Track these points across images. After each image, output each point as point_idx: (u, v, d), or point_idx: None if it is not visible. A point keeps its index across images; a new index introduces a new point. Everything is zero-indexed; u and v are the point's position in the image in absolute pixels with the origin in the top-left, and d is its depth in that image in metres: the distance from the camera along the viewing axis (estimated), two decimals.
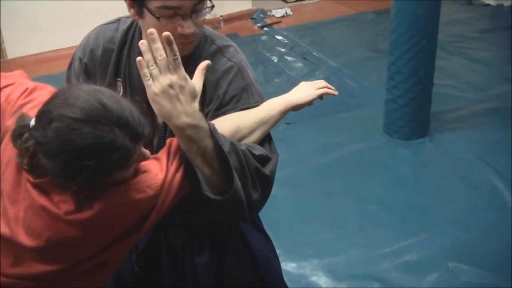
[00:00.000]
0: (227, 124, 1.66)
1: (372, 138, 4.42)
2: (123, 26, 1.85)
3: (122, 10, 1.76)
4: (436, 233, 3.40)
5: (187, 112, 1.47)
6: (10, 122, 1.57)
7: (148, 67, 1.43)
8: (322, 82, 1.89)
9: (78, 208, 1.40)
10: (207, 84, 1.71)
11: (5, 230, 1.47)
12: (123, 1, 1.68)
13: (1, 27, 6.31)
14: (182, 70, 1.45)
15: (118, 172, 1.39)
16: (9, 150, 1.49)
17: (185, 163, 1.53)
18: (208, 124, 1.52)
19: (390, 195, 3.72)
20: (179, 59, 1.44)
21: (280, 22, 7.19)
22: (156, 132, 1.76)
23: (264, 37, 6.70)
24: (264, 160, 1.65)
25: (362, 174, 3.98)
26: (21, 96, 1.65)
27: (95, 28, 1.92)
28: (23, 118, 1.44)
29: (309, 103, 1.82)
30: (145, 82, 1.45)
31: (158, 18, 1.59)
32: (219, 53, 1.80)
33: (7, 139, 1.52)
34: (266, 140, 1.75)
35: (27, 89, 1.67)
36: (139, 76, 1.60)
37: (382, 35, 6.38)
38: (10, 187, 1.48)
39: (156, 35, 1.40)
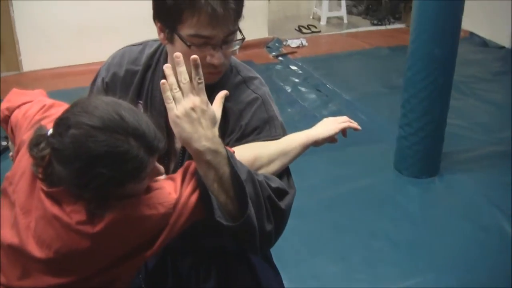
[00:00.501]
0: (247, 151, 1.66)
1: (382, 174, 4.42)
2: (149, 50, 1.85)
3: (138, 30, 1.78)
4: (442, 272, 3.37)
5: (207, 136, 1.48)
6: (26, 136, 1.59)
7: (171, 90, 1.45)
8: (344, 117, 1.87)
9: (89, 218, 1.41)
10: (230, 114, 1.73)
11: (14, 240, 1.49)
12: (139, 21, 1.71)
13: (19, 39, 6.35)
14: (205, 95, 1.47)
15: (130, 184, 1.41)
16: (25, 162, 1.52)
17: (201, 187, 1.53)
18: (227, 151, 1.52)
19: (398, 232, 3.71)
20: (203, 84, 1.46)
21: (295, 52, 7.22)
22: (174, 157, 1.77)
23: (278, 66, 6.73)
24: (280, 193, 1.64)
25: (370, 209, 3.97)
26: (39, 112, 1.68)
27: (121, 48, 1.92)
28: (41, 128, 1.48)
29: (332, 138, 1.80)
30: (167, 105, 1.47)
31: (188, 46, 1.58)
32: (243, 84, 1.80)
33: (23, 151, 1.55)
34: (285, 173, 1.74)
35: (44, 105, 1.70)
36: (161, 100, 1.64)
37: (396, 71, 6.40)
38: (23, 198, 1.50)
39: (181, 58, 1.43)
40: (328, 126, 1.82)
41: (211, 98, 1.57)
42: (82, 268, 1.49)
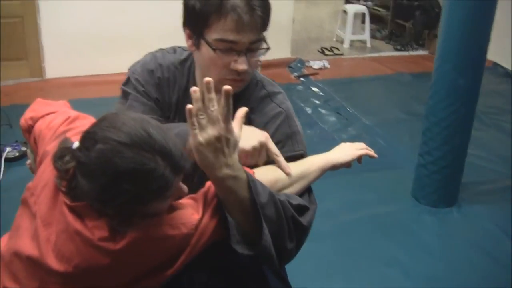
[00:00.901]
0: (269, 173, 1.67)
1: (399, 201, 4.37)
2: (180, 57, 1.89)
3: (162, 41, 1.78)
4: None
5: (228, 164, 1.47)
6: (50, 147, 1.59)
7: (197, 115, 1.42)
8: (361, 144, 1.91)
9: (111, 235, 1.40)
10: (254, 125, 1.74)
11: (34, 252, 1.48)
12: (163, 34, 1.73)
13: (44, 46, 6.40)
14: (231, 123, 1.45)
15: (154, 202, 1.41)
16: (48, 173, 1.51)
17: (221, 211, 1.53)
18: (247, 175, 1.52)
19: (413, 262, 3.65)
20: (231, 112, 1.44)
21: (317, 74, 7.23)
22: (198, 169, 1.77)
23: (299, 87, 6.74)
24: (302, 209, 1.66)
25: (386, 236, 3.93)
26: (63, 123, 1.68)
27: (156, 51, 1.94)
28: (65, 141, 1.47)
29: (347, 164, 1.83)
30: (191, 131, 1.45)
31: (214, 50, 1.62)
32: (268, 98, 1.84)
33: (46, 163, 1.54)
34: (306, 190, 1.76)
35: (69, 117, 1.70)
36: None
37: (418, 99, 6.40)
38: (45, 210, 1.49)
39: (212, 84, 1.40)
40: (346, 151, 1.85)
41: (235, 109, 1.57)
42: (100, 284, 1.48)
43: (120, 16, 6.44)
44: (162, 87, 1.86)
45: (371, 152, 1.89)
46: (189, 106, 1.42)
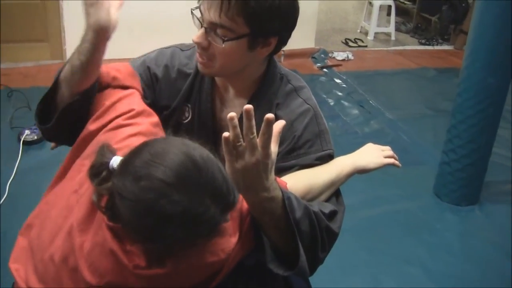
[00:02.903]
0: (300, 183, 1.66)
1: (421, 198, 4.32)
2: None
3: (179, 28, 1.77)
4: None
5: (264, 187, 1.43)
6: (94, 128, 1.57)
7: (234, 143, 1.36)
8: (389, 150, 1.91)
9: (148, 264, 1.33)
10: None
11: (72, 258, 1.41)
12: (183, 21, 1.74)
13: (65, 29, 6.38)
14: (270, 149, 1.39)
15: (199, 240, 1.34)
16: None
17: (256, 229, 1.51)
18: (283, 194, 1.48)
19: (434, 261, 3.61)
20: (271, 139, 1.38)
21: (340, 65, 7.16)
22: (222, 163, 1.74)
23: (322, 78, 6.67)
24: (332, 215, 1.64)
25: (407, 233, 3.88)
26: (124, 115, 1.60)
27: (169, 47, 1.93)
28: (103, 152, 1.35)
29: (373, 170, 1.85)
30: (227, 157, 1.39)
31: (192, 14, 1.67)
32: (294, 93, 1.81)
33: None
34: (334, 193, 1.75)
35: (133, 109, 1.62)
36: (207, 102, 1.78)
37: (442, 94, 6.32)
38: (83, 214, 1.42)
39: (252, 112, 1.33)
40: (374, 157, 1.86)
41: (262, 105, 1.69)
42: None
43: (144, 2, 6.40)
44: (178, 87, 1.87)
45: (397, 162, 1.89)
46: (225, 134, 1.35)
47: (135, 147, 1.29)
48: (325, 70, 6.97)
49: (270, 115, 1.34)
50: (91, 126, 1.60)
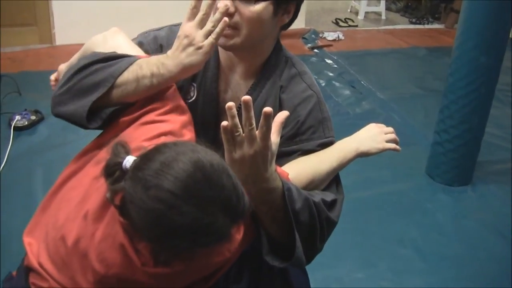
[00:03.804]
0: (304, 175, 1.66)
1: (413, 179, 4.33)
2: None
3: (174, 11, 1.73)
4: (469, 286, 3.27)
5: (264, 177, 1.43)
6: (126, 118, 1.57)
7: (232, 132, 1.36)
8: (391, 134, 1.90)
9: (155, 262, 1.34)
10: (284, 106, 1.76)
11: (84, 245, 1.42)
12: (175, 5, 1.70)
13: (54, 12, 6.32)
14: (269, 140, 1.38)
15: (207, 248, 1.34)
16: None
17: (255, 225, 1.52)
18: (283, 184, 1.47)
19: (426, 241, 3.62)
20: (270, 131, 1.36)
21: (331, 45, 7.14)
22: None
23: (313, 59, 6.65)
24: (332, 204, 1.66)
25: (399, 215, 3.88)
26: (158, 111, 1.59)
27: (177, 24, 1.85)
28: (117, 151, 1.33)
29: (374, 155, 1.85)
30: (226, 146, 1.39)
31: None
32: (298, 77, 1.82)
33: None
34: (334, 181, 1.77)
35: (167, 104, 1.61)
36: (212, 82, 1.78)
37: (432, 74, 6.33)
38: (98, 204, 1.43)
39: (251, 103, 1.32)
40: (376, 142, 1.85)
41: (266, 87, 1.74)
42: None
43: None
44: None
45: (398, 147, 1.89)
46: (224, 122, 1.34)
47: (147, 152, 1.28)
48: (315, 50, 6.95)
49: (268, 109, 1.32)
50: (124, 115, 1.60)
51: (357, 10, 8.78)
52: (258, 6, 1.62)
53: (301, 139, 1.76)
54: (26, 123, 4.54)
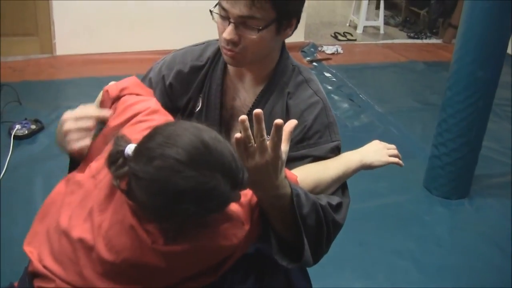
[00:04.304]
0: (310, 179, 1.72)
1: (411, 192, 4.35)
2: (213, 47, 1.94)
3: (172, 24, 1.78)
4: None
5: (274, 185, 1.49)
6: (114, 125, 1.63)
7: (245, 143, 1.41)
8: (394, 149, 1.99)
9: (165, 241, 1.39)
10: (291, 112, 1.83)
11: (87, 236, 1.47)
12: (174, 15, 1.78)
13: (55, 22, 6.35)
14: (280, 150, 1.44)
15: (212, 216, 1.40)
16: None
17: (263, 226, 1.57)
18: (292, 190, 1.53)
19: (424, 253, 3.65)
20: (280, 142, 1.43)
21: (330, 59, 7.17)
22: None
23: (312, 72, 6.66)
24: (338, 207, 1.71)
25: (397, 227, 3.91)
26: (142, 113, 1.66)
27: (181, 49, 2.00)
28: (119, 140, 1.43)
29: (378, 167, 1.93)
30: (238, 156, 1.44)
31: (211, 12, 1.72)
32: (305, 83, 1.88)
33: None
34: (340, 186, 1.83)
35: (149, 107, 1.68)
36: (216, 92, 1.86)
37: (430, 88, 6.37)
38: (103, 196, 1.48)
39: (262, 116, 1.38)
40: (380, 157, 1.93)
41: (275, 94, 1.81)
42: (144, 281, 1.48)
43: None
44: (190, 80, 1.93)
45: (401, 161, 1.98)
46: (237, 135, 1.40)
47: (148, 133, 1.37)
48: (314, 63, 6.98)
49: (279, 121, 1.38)
50: (112, 122, 1.67)
51: (356, 24, 8.81)
52: (262, 33, 1.69)
53: (308, 143, 1.81)
54: (26, 132, 4.56)
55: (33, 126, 4.62)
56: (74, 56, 6.41)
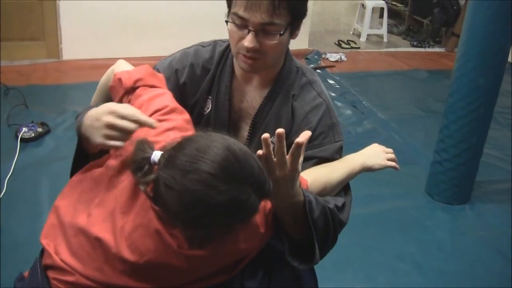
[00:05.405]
0: (318, 183, 1.79)
1: (412, 197, 4.39)
2: (220, 48, 2.00)
3: (181, 27, 1.82)
4: None
5: (290, 195, 1.57)
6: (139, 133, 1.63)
7: (267, 159, 1.48)
8: (392, 154, 2.05)
9: (189, 246, 1.45)
10: (296, 113, 1.90)
11: (105, 235, 1.51)
12: (183, 18, 1.78)
13: (61, 27, 6.41)
14: (298, 165, 1.51)
15: (238, 225, 1.45)
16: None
17: (276, 229, 1.65)
18: (305, 197, 1.60)
19: (425, 258, 3.68)
20: (299, 158, 1.50)
21: (333, 66, 7.22)
22: None
23: (315, 73, 6.70)
24: (342, 207, 1.79)
25: (399, 231, 3.95)
26: (159, 111, 1.68)
27: (191, 46, 2.04)
28: (143, 146, 1.46)
29: (377, 170, 2.01)
30: None
31: (226, 22, 1.75)
32: (309, 85, 1.94)
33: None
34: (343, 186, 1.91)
35: (167, 106, 1.70)
36: (225, 94, 1.92)
37: (433, 95, 6.40)
38: (125, 198, 1.52)
39: (284, 135, 1.45)
40: (379, 159, 2.00)
41: (280, 96, 1.87)
42: (163, 281, 1.53)
43: (141, 1, 6.44)
44: (199, 81, 1.99)
45: (397, 165, 2.04)
46: (260, 151, 1.47)
47: (179, 143, 1.41)
48: (318, 71, 7.01)
49: (300, 140, 1.46)
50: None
51: (360, 32, 8.86)
52: (282, 37, 1.75)
53: (313, 144, 1.87)
54: (33, 135, 4.61)
55: (40, 129, 4.68)
56: (81, 61, 6.45)
